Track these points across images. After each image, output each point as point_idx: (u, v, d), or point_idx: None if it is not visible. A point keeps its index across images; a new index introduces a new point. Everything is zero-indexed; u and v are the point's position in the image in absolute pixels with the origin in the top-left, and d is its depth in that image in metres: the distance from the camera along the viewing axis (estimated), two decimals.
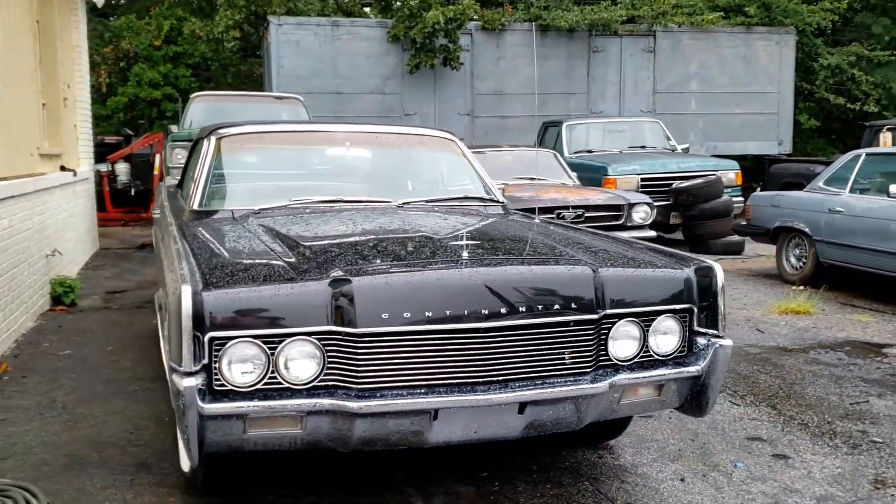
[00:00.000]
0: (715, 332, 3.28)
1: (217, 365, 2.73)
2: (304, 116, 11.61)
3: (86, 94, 10.21)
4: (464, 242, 3.36)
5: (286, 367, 2.78)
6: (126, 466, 3.63)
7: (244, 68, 18.28)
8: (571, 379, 3.02)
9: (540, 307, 2.94)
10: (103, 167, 13.46)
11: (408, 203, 4.33)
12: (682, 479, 3.63)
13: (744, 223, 9.32)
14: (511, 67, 17.72)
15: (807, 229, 7.91)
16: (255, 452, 2.97)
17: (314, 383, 2.81)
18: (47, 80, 8.36)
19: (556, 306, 2.96)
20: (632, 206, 8.09)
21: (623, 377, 3.11)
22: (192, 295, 2.67)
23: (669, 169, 11.46)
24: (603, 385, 3.03)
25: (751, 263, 9.84)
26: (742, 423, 4.38)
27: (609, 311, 3.09)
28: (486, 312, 2.85)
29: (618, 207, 8.02)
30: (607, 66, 18.42)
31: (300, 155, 4.82)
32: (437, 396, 2.84)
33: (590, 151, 12.68)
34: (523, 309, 2.91)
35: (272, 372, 2.78)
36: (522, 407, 2.95)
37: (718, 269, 3.30)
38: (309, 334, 2.78)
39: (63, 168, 8.47)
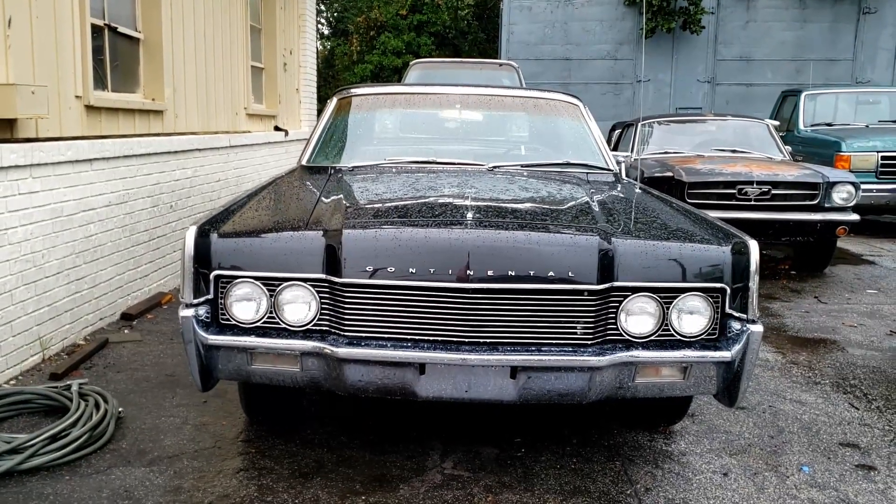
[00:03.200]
0: (746, 316, 2.98)
1: (223, 301, 3.01)
2: (517, 82, 11.73)
3: (311, 59, 11.10)
4: (495, 206, 3.36)
5: (284, 309, 2.99)
6: (207, 393, 4.06)
7: (481, 36, 18.69)
8: (569, 349, 2.92)
9: (532, 273, 2.86)
10: None
11: (498, 167, 4.32)
12: (726, 475, 3.35)
13: None
14: (762, 31, 16.48)
15: None
16: (261, 385, 3.23)
17: (309, 327, 2.98)
18: (267, 46, 9.26)
19: (550, 273, 2.87)
20: (831, 185, 7.24)
21: (633, 354, 2.94)
22: (195, 235, 2.96)
23: None
24: (605, 359, 2.89)
25: None
26: (847, 427, 3.90)
27: (620, 284, 2.93)
28: (472, 274, 2.84)
29: (813, 186, 7.24)
30: (880, 29, 16.53)
31: (412, 116, 4.97)
32: (422, 352, 2.89)
33: (829, 125, 11.48)
34: (513, 274, 2.86)
35: (271, 313, 3.00)
36: (514, 371, 2.91)
37: (754, 246, 3.00)
38: (305, 280, 2.95)
39: (277, 128, 9.36)
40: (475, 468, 3.33)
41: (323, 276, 2.93)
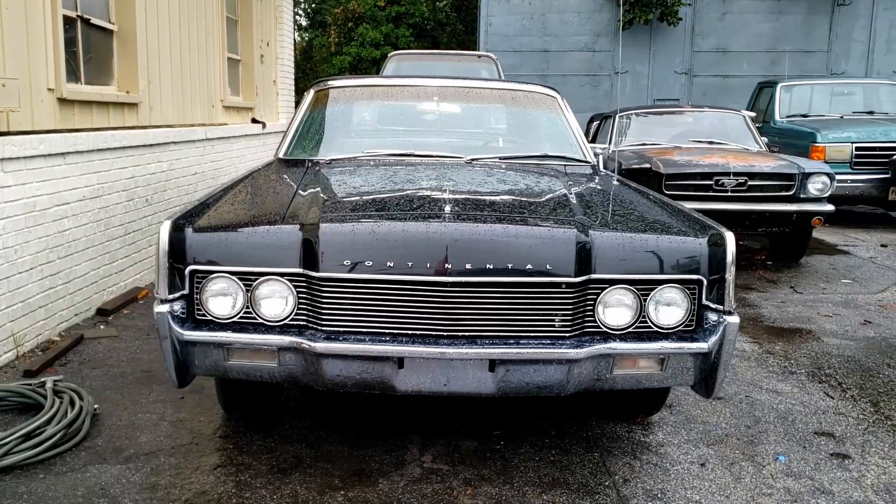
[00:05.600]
0: (722, 307, 3.00)
1: (198, 297, 2.98)
2: (496, 74, 11.72)
3: (288, 51, 11.02)
4: (473, 199, 3.35)
5: (261, 304, 2.96)
6: (184, 388, 4.02)
7: (460, 28, 18.66)
8: (548, 342, 2.92)
9: (509, 266, 2.86)
10: None
11: (476, 159, 4.31)
12: (703, 465, 3.37)
13: None
14: (738, 23, 16.58)
15: None
16: (238, 380, 3.21)
17: (286, 321, 2.96)
18: (244, 38, 9.17)
19: (528, 266, 2.87)
20: (807, 175, 7.31)
21: (611, 346, 2.95)
22: (169, 230, 2.93)
23: (893, 137, 10.19)
24: (583, 351, 2.90)
25: None
26: (822, 416, 3.94)
27: (598, 276, 2.94)
28: (451, 268, 2.84)
29: (788, 177, 7.30)
30: (854, 21, 16.69)
31: (390, 109, 4.95)
32: (400, 346, 2.88)
33: (804, 116, 11.57)
34: (491, 267, 2.85)
35: (248, 308, 2.97)
36: (492, 365, 2.91)
37: (730, 238, 3.02)
38: (281, 275, 2.93)
39: (254, 120, 9.30)
40: (454, 461, 3.33)
41: (300, 270, 2.91)
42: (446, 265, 2.84)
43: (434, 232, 2.89)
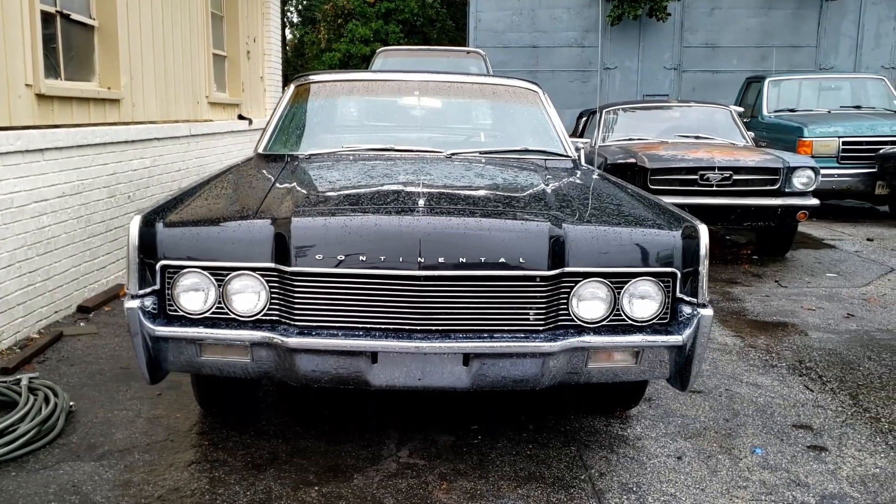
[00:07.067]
0: (696, 300, 3.00)
1: (170, 292, 2.96)
2: (484, 70, 11.72)
3: (275, 47, 10.98)
4: (448, 193, 3.35)
5: (233, 300, 2.94)
6: (162, 385, 4.00)
7: (450, 24, 18.63)
8: (522, 335, 2.91)
9: (483, 260, 2.85)
10: None
11: (456, 154, 4.30)
12: (680, 458, 3.37)
13: None
14: (727, 18, 16.60)
15: None
16: (214, 376, 3.18)
17: (259, 316, 2.94)
18: (230, 34, 9.14)
19: (502, 260, 2.86)
20: (792, 170, 7.32)
21: (585, 339, 2.94)
22: (139, 225, 2.91)
23: (879, 132, 10.22)
24: (557, 344, 2.89)
25: None
26: (801, 409, 3.95)
27: (571, 269, 2.93)
28: (423, 261, 2.82)
29: (773, 171, 7.31)
30: (843, 16, 16.71)
31: (370, 103, 4.94)
32: (374, 340, 2.87)
33: (792, 111, 11.59)
34: (464, 260, 2.84)
35: (220, 303, 2.96)
36: (467, 359, 2.90)
37: (704, 230, 3.01)
38: (254, 269, 2.91)
39: (241, 117, 9.26)
40: (431, 456, 3.32)
41: (272, 265, 2.89)
42: (419, 259, 2.82)
43: (407, 226, 2.88)
